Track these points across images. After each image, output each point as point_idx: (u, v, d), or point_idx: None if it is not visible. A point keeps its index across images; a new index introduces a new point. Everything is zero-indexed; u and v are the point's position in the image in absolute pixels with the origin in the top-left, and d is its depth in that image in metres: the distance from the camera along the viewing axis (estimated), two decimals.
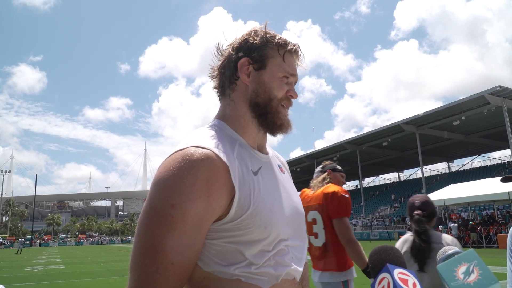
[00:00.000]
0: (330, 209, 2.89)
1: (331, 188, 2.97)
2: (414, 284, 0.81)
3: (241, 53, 1.10)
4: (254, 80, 1.09)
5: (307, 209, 3.04)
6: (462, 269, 0.82)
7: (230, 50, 1.13)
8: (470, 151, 45.75)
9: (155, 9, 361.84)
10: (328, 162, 3.34)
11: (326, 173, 3.16)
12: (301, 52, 1.16)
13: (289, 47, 1.12)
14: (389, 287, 0.80)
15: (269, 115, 1.08)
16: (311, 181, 3.23)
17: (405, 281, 0.80)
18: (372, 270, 0.88)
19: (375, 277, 0.85)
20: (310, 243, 3.02)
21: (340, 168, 3.28)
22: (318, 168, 3.29)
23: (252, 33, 1.13)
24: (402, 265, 0.86)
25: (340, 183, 3.14)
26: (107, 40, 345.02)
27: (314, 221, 3.00)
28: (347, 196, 2.93)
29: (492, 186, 20.60)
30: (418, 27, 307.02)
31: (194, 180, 0.88)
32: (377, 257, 0.88)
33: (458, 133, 37.04)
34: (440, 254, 0.88)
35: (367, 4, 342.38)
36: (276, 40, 1.11)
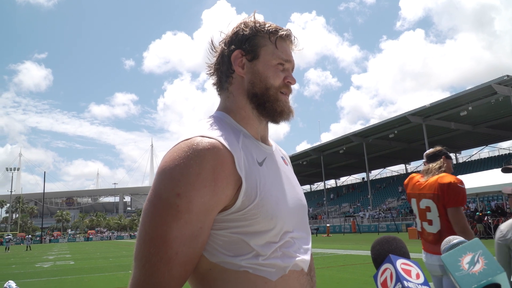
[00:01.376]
0: (446, 199, 2.96)
1: (447, 178, 3.02)
2: (417, 275, 0.79)
3: (233, 47, 1.11)
4: (249, 71, 1.09)
5: (419, 196, 3.15)
6: (467, 258, 0.80)
7: (223, 45, 1.14)
8: (477, 142, 45.40)
9: (158, 4, 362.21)
10: (439, 147, 3.36)
11: (441, 160, 3.20)
12: (294, 36, 1.15)
13: (280, 33, 1.11)
14: (391, 277, 0.78)
15: (267, 104, 1.07)
16: (424, 166, 3.31)
17: (408, 272, 0.79)
18: (375, 261, 0.86)
19: (378, 268, 0.83)
20: (423, 228, 3.14)
21: (450, 155, 3.34)
22: (431, 152, 3.34)
23: (242, 25, 1.13)
24: (405, 256, 0.84)
25: (450, 171, 3.20)
26: (111, 36, 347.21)
27: (427, 208, 3.08)
28: (462, 186, 3.01)
29: (500, 177, 20.39)
30: (424, 17, 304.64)
31: (200, 169, 0.88)
32: (379, 248, 0.86)
33: (465, 124, 36.74)
34: (444, 244, 0.86)
35: None
36: (266, 28, 1.11)
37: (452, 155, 49.39)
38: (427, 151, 3.38)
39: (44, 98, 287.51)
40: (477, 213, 24.19)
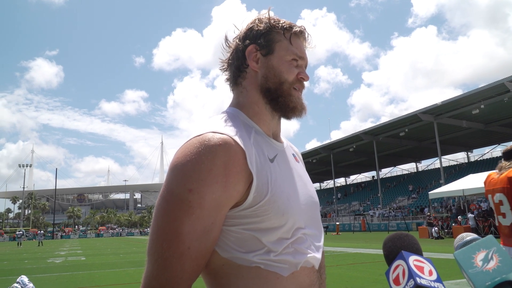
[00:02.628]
0: None
1: None
2: (430, 271, 0.79)
3: (247, 41, 1.11)
4: (263, 66, 1.09)
5: (493, 191, 3.33)
6: (480, 256, 0.79)
7: (237, 41, 1.14)
8: (490, 141, 44.80)
9: (168, 1, 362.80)
10: None
11: None
12: (307, 33, 1.15)
13: (294, 30, 1.12)
14: (404, 274, 0.78)
15: (280, 99, 1.07)
16: (499, 164, 3.47)
17: (420, 268, 0.78)
18: (387, 257, 0.86)
19: (390, 265, 0.83)
20: (499, 222, 3.29)
21: None
22: (507, 149, 3.44)
23: (257, 21, 1.13)
24: (418, 252, 0.84)
25: None
26: (121, 33, 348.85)
27: (500, 202, 3.24)
28: None
29: None
30: (437, 13, 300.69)
31: (212, 165, 0.88)
32: (392, 244, 0.86)
33: (478, 122, 36.24)
34: (458, 241, 0.85)
35: None
36: (281, 24, 1.11)
37: (464, 153, 49.00)
38: (505, 149, 3.48)
39: (56, 95, 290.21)
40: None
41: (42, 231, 51.67)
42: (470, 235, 0.85)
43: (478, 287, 0.75)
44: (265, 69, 1.09)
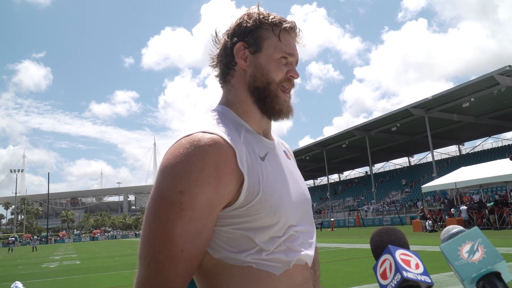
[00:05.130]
0: None
1: None
2: (417, 265, 0.79)
3: (235, 39, 1.09)
4: (251, 64, 1.08)
5: None
6: (466, 247, 0.80)
7: (226, 37, 1.12)
8: (481, 133, 45.22)
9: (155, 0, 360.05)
10: None
11: None
12: (298, 29, 1.13)
13: (284, 25, 1.09)
14: (390, 268, 0.78)
15: (267, 99, 1.06)
16: None
17: (407, 262, 0.79)
18: (374, 252, 0.86)
19: (377, 259, 0.83)
20: None
21: None
22: None
23: (245, 17, 1.11)
24: (405, 246, 0.84)
25: None
26: (109, 33, 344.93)
27: None
28: None
29: (504, 168, 20.37)
30: (427, 6, 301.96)
31: (203, 165, 0.88)
32: (378, 239, 0.86)
33: (468, 115, 36.55)
34: (444, 233, 0.86)
35: None
36: (270, 20, 1.09)
37: (455, 147, 49.41)
38: None
39: (45, 98, 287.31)
40: (491, 203, 23.77)
41: (35, 236, 51.24)
42: (456, 228, 0.85)
43: (464, 278, 0.75)
44: (253, 67, 1.07)
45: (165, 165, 0.90)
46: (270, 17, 1.09)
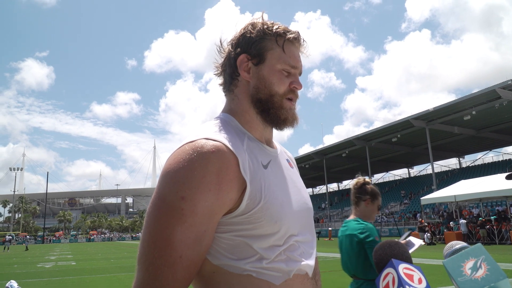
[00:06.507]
0: None
1: None
2: (419, 280, 0.79)
3: (239, 50, 1.09)
4: (254, 76, 1.07)
5: None
6: (469, 264, 0.80)
7: (230, 47, 1.12)
8: (481, 146, 45.16)
9: (161, 2, 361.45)
10: None
11: None
12: (302, 39, 1.12)
13: (288, 36, 1.08)
14: (393, 282, 0.78)
15: (271, 110, 1.06)
16: None
17: (410, 276, 0.79)
18: (377, 265, 0.86)
19: (380, 273, 0.83)
20: None
21: None
22: None
23: (249, 27, 1.10)
24: (408, 260, 0.84)
25: None
26: (112, 34, 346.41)
27: None
28: None
29: (504, 182, 20.27)
30: (431, 17, 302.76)
31: (205, 172, 0.88)
32: (382, 252, 0.86)
33: (469, 128, 36.52)
34: (447, 249, 0.85)
35: None
36: (274, 30, 1.08)
37: (456, 159, 49.36)
38: None
39: (48, 98, 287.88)
40: (480, 218, 24.05)
41: (27, 236, 51.06)
42: (460, 243, 0.85)
43: None
44: (256, 79, 1.07)
45: (167, 170, 0.90)
46: (274, 27, 1.09)
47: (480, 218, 23.83)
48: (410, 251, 2.44)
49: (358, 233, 2.67)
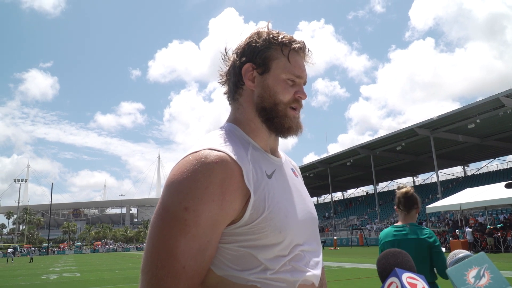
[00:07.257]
0: None
1: None
2: None
3: (244, 59, 1.09)
4: (259, 85, 1.08)
5: None
6: (472, 272, 0.80)
7: (235, 56, 1.12)
8: (486, 155, 44.94)
9: (165, 12, 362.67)
10: None
11: None
12: (307, 48, 1.12)
13: (293, 45, 1.09)
14: None
15: (276, 119, 1.06)
16: None
17: (413, 286, 0.79)
18: (380, 274, 0.86)
19: (383, 282, 0.84)
20: None
21: None
22: None
23: (255, 36, 1.11)
24: (411, 269, 0.85)
25: None
26: (116, 45, 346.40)
27: None
28: None
29: (509, 190, 20.14)
30: (434, 26, 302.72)
31: (208, 183, 0.88)
32: (385, 262, 0.87)
33: (474, 137, 36.41)
34: (451, 257, 0.86)
35: (381, 3, 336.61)
36: (280, 40, 1.08)
37: (460, 168, 49.10)
38: None
39: (52, 108, 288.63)
40: (488, 226, 23.82)
41: (31, 247, 51.08)
42: (463, 252, 0.86)
43: None
44: (261, 88, 1.07)
45: (171, 181, 0.91)
46: (280, 37, 1.09)
47: (488, 227, 23.60)
48: None
49: (426, 237, 2.82)
